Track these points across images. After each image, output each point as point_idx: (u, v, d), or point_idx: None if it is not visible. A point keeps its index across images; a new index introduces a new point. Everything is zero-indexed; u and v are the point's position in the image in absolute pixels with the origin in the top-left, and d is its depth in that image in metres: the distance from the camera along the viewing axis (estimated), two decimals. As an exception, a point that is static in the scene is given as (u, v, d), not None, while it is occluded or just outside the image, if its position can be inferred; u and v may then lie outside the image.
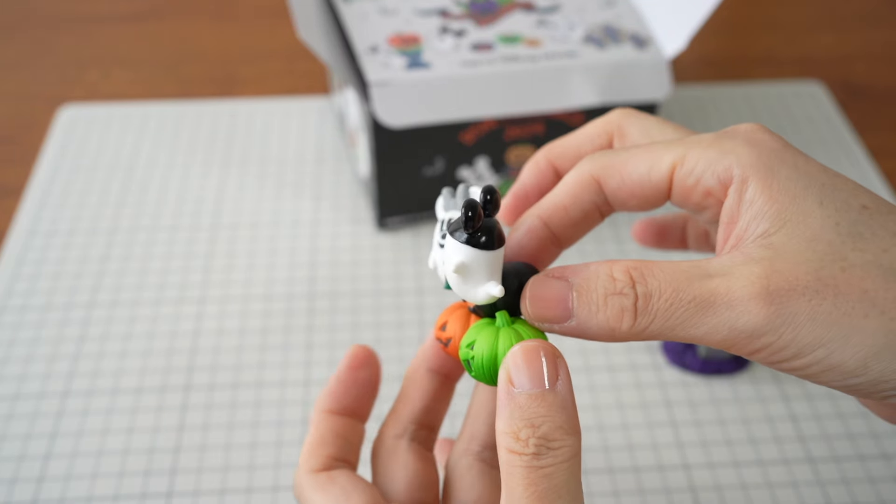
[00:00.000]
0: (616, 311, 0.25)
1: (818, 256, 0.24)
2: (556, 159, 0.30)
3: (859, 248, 0.24)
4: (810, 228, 0.24)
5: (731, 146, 0.26)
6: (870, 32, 0.74)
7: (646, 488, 0.41)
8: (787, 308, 0.23)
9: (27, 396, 0.45)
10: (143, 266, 0.52)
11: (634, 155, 0.27)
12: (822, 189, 0.25)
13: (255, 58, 0.70)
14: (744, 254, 0.24)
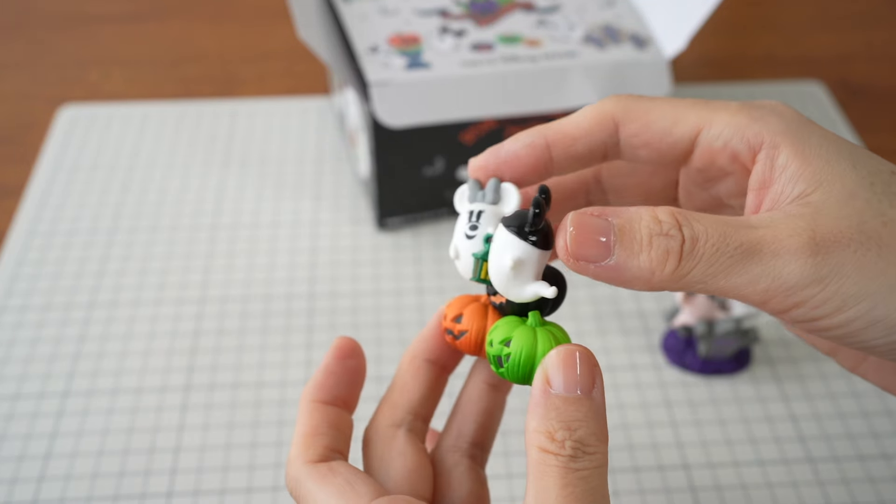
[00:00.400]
0: (661, 253, 0.24)
1: (858, 212, 0.24)
2: (555, 144, 0.28)
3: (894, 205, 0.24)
4: (847, 188, 0.24)
5: (759, 114, 0.26)
6: (869, 32, 0.74)
7: (645, 488, 0.41)
8: (834, 258, 0.23)
9: (27, 396, 0.45)
10: (143, 266, 0.52)
11: (659, 106, 0.27)
12: (852, 154, 0.25)
13: (255, 58, 0.70)
14: (784, 211, 0.24)
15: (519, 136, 0.28)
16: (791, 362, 0.47)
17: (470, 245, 0.28)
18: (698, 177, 0.28)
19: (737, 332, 0.43)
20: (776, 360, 0.47)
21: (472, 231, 0.28)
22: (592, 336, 0.48)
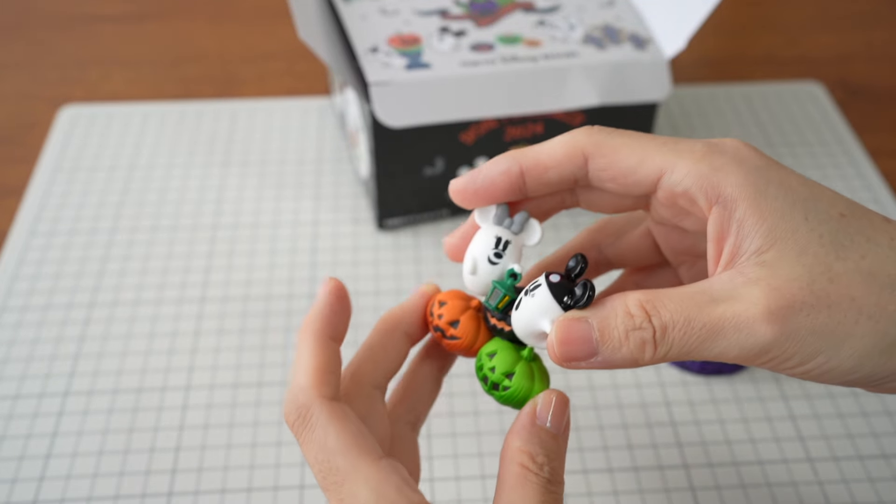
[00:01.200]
0: (638, 345, 0.27)
1: (808, 270, 0.26)
2: (528, 171, 0.30)
3: (842, 256, 0.26)
4: (798, 243, 0.26)
5: (720, 163, 0.27)
6: (869, 32, 0.74)
7: (645, 488, 0.41)
8: (789, 325, 0.26)
9: (28, 396, 0.45)
10: (144, 266, 0.52)
11: (628, 144, 0.29)
12: (805, 203, 0.27)
13: (256, 58, 0.70)
14: (742, 274, 0.26)
15: (496, 162, 0.30)
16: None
17: (492, 270, 0.30)
18: (663, 209, 0.30)
19: None
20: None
21: (496, 259, 0.30)
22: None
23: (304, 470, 0.42)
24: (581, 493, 0.41)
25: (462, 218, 0.55)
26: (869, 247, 0.27)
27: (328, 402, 0.28)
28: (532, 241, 0.31)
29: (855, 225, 0.27)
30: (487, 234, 0.30)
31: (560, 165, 0.30)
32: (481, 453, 0.43)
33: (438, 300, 0.32)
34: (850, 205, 0.27)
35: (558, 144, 0.30)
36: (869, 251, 0.27)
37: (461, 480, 0.42)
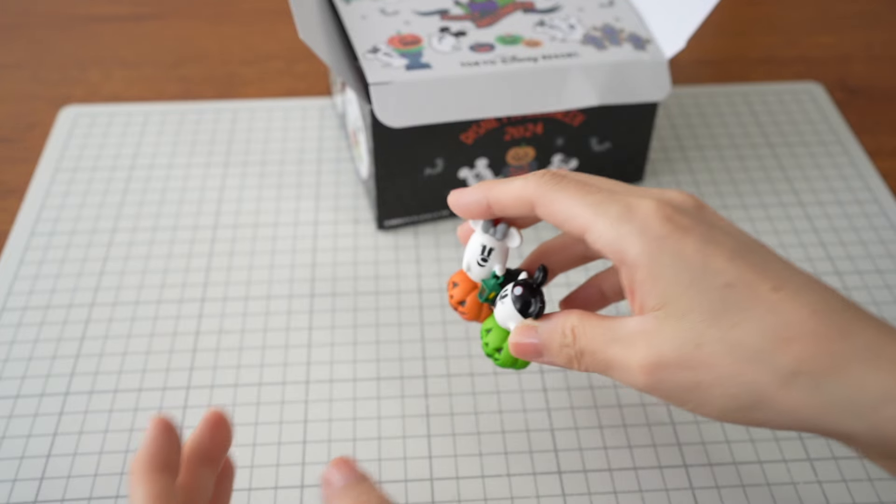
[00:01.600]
0: (566, 358, 0.35)
1: (682, 334, 0.31)
2: (493, 204, 0.36)
3: (714, 325, 0.30)
4: (681, 308, 0.31)
5: (626, 231, 0.32)
6: (868, 33, 0.75)
7: (645, 488, 0.42)
8: (657, 377, 0.31)
9: (28, 396, 0.45)
10: (145, 266, 0.52)
11: (561, 199, 0.34)
12: (693, 272, 0.31)
13: (256, 58, 0.70)
14: (643, 323, 0.32)
15: (470, 192, 0.37)
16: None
17: (481, 271, 0.38)
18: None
19: None
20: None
21: (483, 262, 0.37)
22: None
23: (304, 470, 0.42)
24: (581, 492, 0.41)
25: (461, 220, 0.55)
26: (742, 317, 0.30)
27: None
28: (513, 245, 0.37)
29: (736, 295, 0.30)
30: (476, 242, 0.37)
31: (514, 207, 0.35)
32: (482, 453, 0.43)
33: (453, 281, 0.39)
34: (740, 274, 0.31)
35: (512, 190, 0.35)
36: (741, 322, 0.30)
37: (461, 480, 0.42)
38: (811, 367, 0.29)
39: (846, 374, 0.29)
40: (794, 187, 0.58)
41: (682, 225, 0.32)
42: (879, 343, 0.30)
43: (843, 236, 0.55)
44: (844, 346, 0.29)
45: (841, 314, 0.30)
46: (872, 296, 0.51)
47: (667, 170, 0.60)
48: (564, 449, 0.43)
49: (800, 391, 0.30)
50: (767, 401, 0.30)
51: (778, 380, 0.30)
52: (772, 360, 0.30)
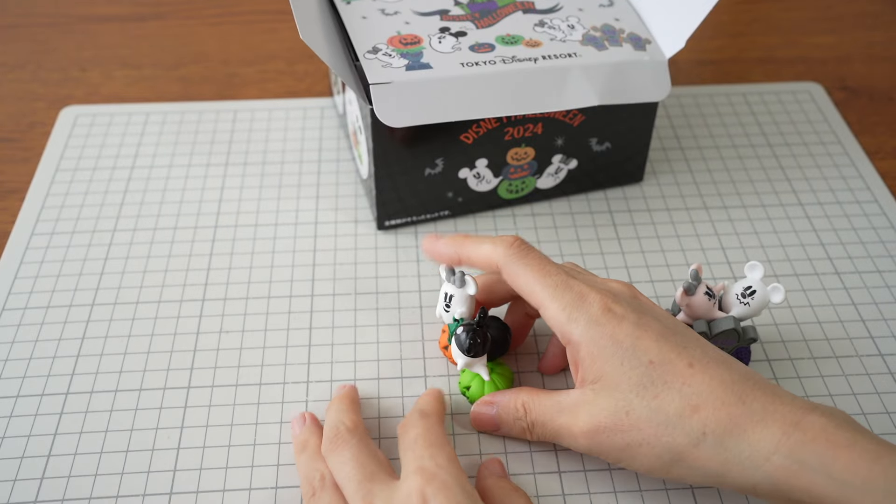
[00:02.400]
0: (519, 429, 0.41)
1: (615, 403, 0.37)
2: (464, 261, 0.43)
3: (640, 395, 0.37)
4: (614, 382, 0.37)
5: (574, 316, 0.39)
6: (868, 33, 0.75)
7: (645, 488, 0.42)
8: (595, 440, 0.38)
9: (29, 396, 0.45)
10: (145, 266, 0.52)
11: (524, 274, 0.41)
12: (624, 352, 0.37)
13: (256, 59, 0.70)
14: (583, 395, 0.38)
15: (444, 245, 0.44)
16: (790, 362, 0.47)
17: (448, 317, 0.44)
18: None
19: (734, 332, 0.43)
20: (775, 360, 0.47)
21: (447, 309, 0.43)
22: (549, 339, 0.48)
23: (304, 469, 0.42)
24: (581, 492, 0.41)
25: (461, 220, 0.56)
26: (663, 389, 0.36)
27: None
28: (470, 293, 0.43)
29: (658, 371, 0.37)
30: (441, 291, 0.43)
31: (483, 266, 0.42)
32: (481, 453, 0.43)
33: (444, 329, 0.46)
34: (661, 353, 0.37)
35: (482, 252, 0.42)
36: (661, 392, 0.36)
37: (461, 480, 0.42)
38: (715, 428, 0.35)
39: (743, 433, 0.35)
40: (794, 187, 0.58)
41: (618, 313, 0.38)
42: (770, 405, 0.35)
43: (842, 236, 0.55)
44: (742, 410, 0.35)
45: (742, 384, 0.36)
46: (872, 296, 0.51)
47: (667, 170, 0.60)
48: (564, 449, 0.43)
49: (708, 449, 0.35)
50: (683, 458, 0.36)
51: (691, 440, 0.36)
52: (685, 424, 0.36)
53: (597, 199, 0.57)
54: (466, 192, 0.54)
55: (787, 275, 0.52)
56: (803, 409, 0.35)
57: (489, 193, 0.55)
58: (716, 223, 0.56)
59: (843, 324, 0.49)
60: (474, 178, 0.53)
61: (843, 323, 0.49)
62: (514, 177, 0.54)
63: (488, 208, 0.56)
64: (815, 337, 0.49)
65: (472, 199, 0.55)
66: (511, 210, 0.56)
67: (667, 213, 0.56)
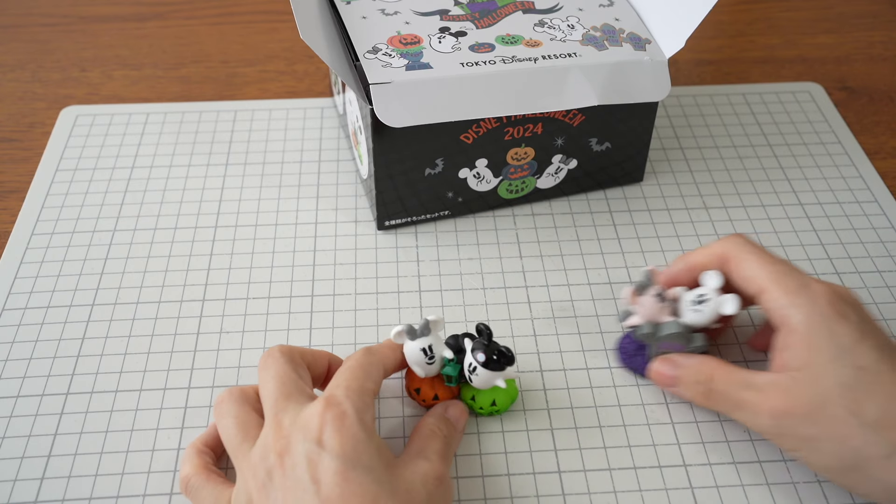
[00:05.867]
0: (696, 392, 0.42)
1: (813, 395, 0.37)
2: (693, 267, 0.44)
3: (841, 394, 0.37)
4: (819, 375, 0.37)
5: (799, 302, 0.39)
6: (868, 33, 0.75)
7: (645, 488, 0.42)
8: (783, 422, 0.38)
9: (29, 396, 0.45)
10: (145, 266, 0.52)
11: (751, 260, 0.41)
12: (838, 350, 0.37)
13: (256, 59, 0.70)
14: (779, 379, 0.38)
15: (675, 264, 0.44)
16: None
17: (434, 368, 0.42)
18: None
19: (681, 336, 0.42)
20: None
21: (431, 361, 0.42)
22: (551, 339, 0.48)
23: (304, 469, 0.42)
24: (581, 492, 0.41)
25: (461, 220, 0.55)
26: (865, 397, 0.37)
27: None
28: (440, 330, 0.42)
29: (866, 378, 0.37)
30: (414, 350, 0.41)
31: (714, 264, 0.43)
32: (481, 453, 0.43)
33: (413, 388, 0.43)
34: (875, 362, 0.37)
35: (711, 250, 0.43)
36: (862, 399, 0.36)
37: (461, 480, 0.42)
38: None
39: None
40: (794, 187, 0.58)
41: (842, 312, 0.38)
42: None
43: (842, 236, 0.55)
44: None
45: None
46: (872, 296, 0.51)
47: (667, 170, 0.60)
48: (564, 448, 0.43)
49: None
50: (867, 466, 0.36)
51: (882, 451, 0.36)
52: (881, 434, 0.36)
53: (597, 199, 0.57)
54: (466, 192, 0.54)
55: (787, 275, 0.52)
56: None
57: (489, 193, 0.55)
58: (716, 223, 0.56)
59: (843, 324, 0.49)
60: (474, 178, 0.53)
61: (843, 323, 0.49)
62: (514, 177, 0.54)
63: (488, 208, 0.56)
64: (815, 337, 0.49)
65: (472, 199, 0.55)
66: (511, 210, 0.56)
67: (667, 213, 0.56)
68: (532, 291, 0.51)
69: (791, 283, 0.40)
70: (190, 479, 0.39)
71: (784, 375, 0.38)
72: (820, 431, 0.37)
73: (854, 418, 0.36)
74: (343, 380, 0.38)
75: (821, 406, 0.37)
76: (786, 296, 0.39)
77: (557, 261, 0.53)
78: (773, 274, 0.40)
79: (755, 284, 0.41)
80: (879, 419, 0.36)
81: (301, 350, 0.41)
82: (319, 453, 0.35)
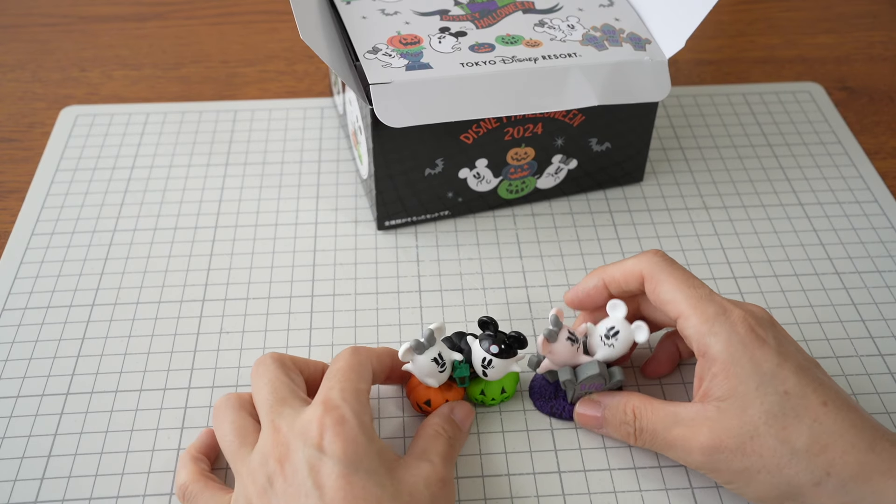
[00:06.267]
0: (625, 433, 0.41)
1: (741, 426, 0.37)
2: (609, 282, 0.43)
3: (769, 423, 0.36)
4: (744, 405, 0.37)
5: (716, 330, 0.38)
6: (868, 33, 0.75)
7: (645, 488, 0.42)
8: (713, 458, 0.37)
9: (29, 396, 0.45)
10: (145, 266, 0.52)
11: (663, 282, 0.40)
12: (762, 377, 0.37)
13: (256, 59, 0.70)
14: (705, 410, 0.38)
15: (587, 278, 0.44)
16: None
17: (444, 375, 0.42)
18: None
19: (600, 376, 0.42)
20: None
21: (442, 369, 0.41)
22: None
23: (304, 469, 0.42)
24: (581, 492, 0.41)
25: (461, 220, 0.55)
26: (793, 422, 0.36)
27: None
28: (442, 336, 0.42)
29: (792, 402, 0.36)
30: (424, 362, 0.41)
31: (625, 283, 0.42)
32: (481, 453, 0.43)
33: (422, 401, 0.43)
34: (799, 384, 0.37)
35: (626, 267, 0.42)
36: (791, 425, 0.36)
37: (461, 480, 0.42)
38: (841, 471, 0.35)
39: (869, 482, 0.35)
40: (794, 187, 0.58)
41: (761, 336, 0.38)
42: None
43: (842, 236, 0.55)
44: (871, 458, 0.35)
45: (872, 432, 0.36)
46: (872, 296, 0.51)
47: (667, 170, 0.60)
48: (564, 448, 0.43)
49: (829, 490, 0.35)
50: (801, 494, 0.36)
51: (813, 478, 0.35)
52: (811, 461, 0.35)
53: (597, 199, 0.57)
54: (466, 192, 0.54)
55: (787, 275, 0.52)
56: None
57: (489, 193, 0.55)
58: (716, 223, 0.56)
59: (843, 324, 0.49)
60: (474, 178, 0.53)
61: (843, 323, 0.49)
62: (514, 177, 0.54)
63: (488, 208, 0.56)
64: (815, 337, 0.49)
65: (472, 199, 0.55)
66: (511, 210, 0.56)
67: (667, 213, 0.56)
68: (532, 291, 0.51)
69: (710, 310, 0.39)
70: (187, 486, 0.39)
71: (710, 406, 0.38)
72: (752, 463, 0.36)
73: (784, 446, 0.36)
74: (336, 382, 0.38)
75: (750, 437, 0.36)
76: (704, 323, 0.38)
77: (557, 261, 0.53)
78: (691, 299, 0.39)
79: (674, 308, 0.40)
80: (809, 445, 0.36)
81: (293, 357, 0.41)
82: (321, 458, 0.35)
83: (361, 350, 0.40)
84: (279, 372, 0.39)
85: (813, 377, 0.37)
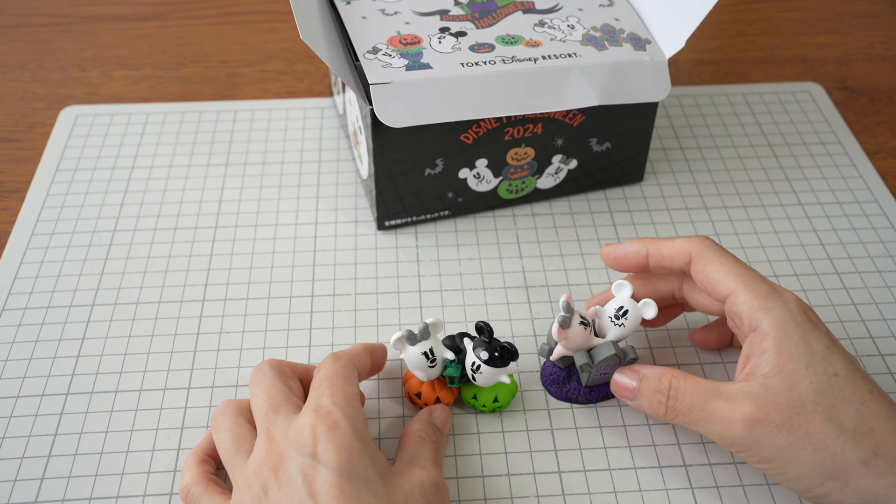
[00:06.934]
0: (657, 403, 0.40)
1: (788, 402, 0.36)
2: (652, 253, 0.43)
3: (817, 402, 0.36)
4: (793, 381, 0.37)
5: (770, 306, 0.38)
6: (868, 33, 0.75)
7: (645, 488, 0.42)
8: (756, 431, 0.36)
9: (29, 396, 0.45)
10: (145, 266, 0.52)
11: (718, 261, 0.41)
12: (811, 357, 0.37)
13: (256, 59, 0.70)
14: (749, 387, 0.37)
15: (629, 244, 0.44)
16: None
17: (436, 370, 0.42)
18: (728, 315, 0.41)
19: (616, 356, 0.42)
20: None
21: (432, 364, 0.42)
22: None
23: (304, 469, 0.42)
24: (581, 492, 0.41)
25: (461, 220, 0.55)
26: (840, 402, 0.36)
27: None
28: (439, 332, 0.43)
29: (840, 384, 0.37)
30: (415, 354, 0.42)
31: (672, 259, 0.42)
32: (481, 453, 0.43)
33: (411, 393, 0.44)
34: (847, 369, 0.37)
35: (676, 245, 0.42)
36: (838, 405, 0.36)
37: (461, 480, 0.42)
38: (888, 452, 0.35)
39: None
40: (794, 187, 0.58)
41: (814, 320, 0.39)
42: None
43: (842, 236, 0.55)
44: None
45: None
46: (872, 296, 0.51)
47: (667, 170, 0.60)
48: (564, 448, 0.43)
49: (876, 471, 0.35)
50: (846, 474, 0.36)
51: (861, 456, 0.35)
52: (858, 440, 0.36)
53: (597, 199, 0.57)
54: (466, 192, 0.54)
55: (787, 275, 0.52)
56: None
57: (489, 193, 0.55)
58: (716, 223, 0.56)
59: (843, 324, 0.49)
60: (474, 178, 0.53)
61: (843, 323, 0.49)
62: (514, 177, 0.54)
63: (488, 208, 0.56)
64: (815, 337, 0.49)
65: (472, 199, 0.55)
66: (511, 210, 0.56)
67: (667, 213, 0.56)
68: (532, 291, 0.51)
69: (761, 288, 0.39)
70: (190, 488, 0.39)
71: (755, 383, 0.37)
72: (797, 439, 0.36)
73: (832, 424, 0.36)
74: (325, 389, 0.38)
75: (797, 413, 0.36)
76: (756, 299, 0.38)
77: (557, 261, 0.53)
78: (742, 277, 0.39)
79: (723, 286, 0.40)
80: (857, 425, 0.36)
81: (291, 363, 0.42)
82: (315, 467, 0.35)
83: (342, 354, 0.41)
84: (276, 379, 0.40)
85: (859, 366, 0.38)
